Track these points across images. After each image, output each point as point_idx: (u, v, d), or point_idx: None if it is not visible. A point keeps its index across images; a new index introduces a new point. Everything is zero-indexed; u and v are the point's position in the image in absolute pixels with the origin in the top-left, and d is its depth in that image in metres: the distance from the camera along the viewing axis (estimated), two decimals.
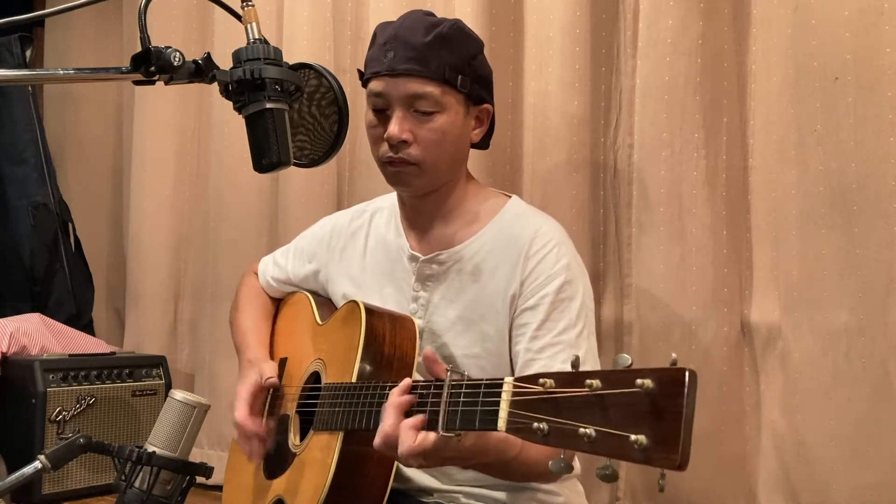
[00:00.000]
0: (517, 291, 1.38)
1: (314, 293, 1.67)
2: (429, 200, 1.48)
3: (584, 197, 1.95)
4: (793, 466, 1.70)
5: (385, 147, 1.41)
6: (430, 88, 1.37)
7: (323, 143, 1.25)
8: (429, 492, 1.43)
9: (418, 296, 1.47)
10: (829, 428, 1.63)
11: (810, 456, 1.66)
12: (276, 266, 1.74)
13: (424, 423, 1.08)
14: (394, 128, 1.38)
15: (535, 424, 0.88)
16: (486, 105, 1.47)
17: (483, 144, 1.55)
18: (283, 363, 1.60)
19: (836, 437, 1.62)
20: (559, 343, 1.34)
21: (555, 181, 1.96)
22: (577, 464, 1.50)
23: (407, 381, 1.14)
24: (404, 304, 1.47)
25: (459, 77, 1.38)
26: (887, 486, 1.56)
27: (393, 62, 1.38)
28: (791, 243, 1.69)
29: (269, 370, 1.50)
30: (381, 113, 1.41)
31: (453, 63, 1.38)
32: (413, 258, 1.49)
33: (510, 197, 1.52)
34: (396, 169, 1.42)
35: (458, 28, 1.43)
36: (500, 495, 1.42)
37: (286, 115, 1.10)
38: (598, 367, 1.31)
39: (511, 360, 1.39)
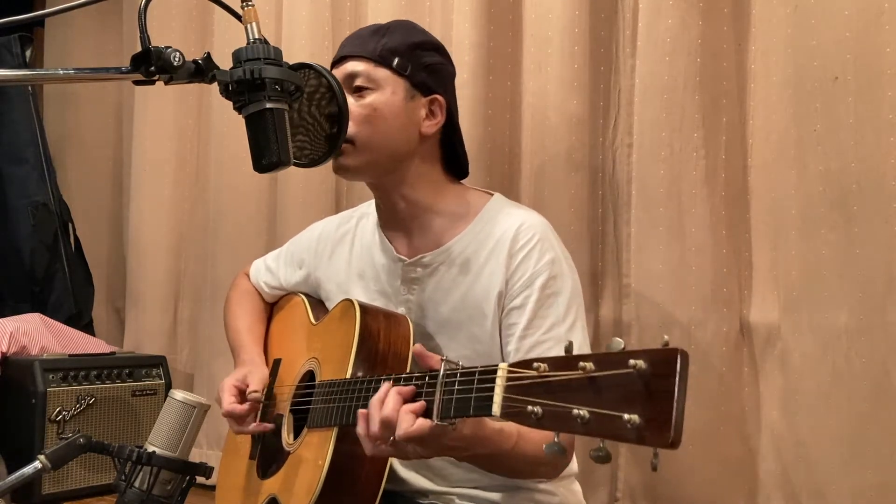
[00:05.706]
0: (503, 290, 1.38)
1: (308, 295, 1.67)
2: (391, 197, 1.46)
3: (583, 196, 1.94)
4: (793, 466, 1.70)
5: None
6: (363, 66, 1.41)
7: (323, 143, 1.25)
8: (424, 493, 1.42)
9: (406, 299, 1.46)
10: (829, 428, 1.63)
11: (810, 456, 1.66)
12: (269, 271, 1.74)
13: (423, 409, 1.08)
14: None
15: (529, 408, 0.89)
16: (435, 95, 1.44)
17: (459, 169, 1.51)
18: (276, 364, 1.60)
19: (836, 437, 1.62)
20: (548, 340, 1.33)
21: (553, 180, 1.96)
22: (574, 464, 1.50)
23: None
24: (392, 309, 1.46)
25: (396, 59, 1.40)
26: (887, 486, 1.56)
27: (339, 52, 1.46)
28: (791, 243, 1.69)
29: (256, 382, 1.50)
30: None
31: (392, 46, 1.41)
32: (397, 261, 1.48)
33: (492, 195, 1.51)
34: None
35: (406, 23, 1.49)
36: (496, 496, 1.41)
37: (286, 115, 1.10)
38: None
39: (503, 359, 1.38)
